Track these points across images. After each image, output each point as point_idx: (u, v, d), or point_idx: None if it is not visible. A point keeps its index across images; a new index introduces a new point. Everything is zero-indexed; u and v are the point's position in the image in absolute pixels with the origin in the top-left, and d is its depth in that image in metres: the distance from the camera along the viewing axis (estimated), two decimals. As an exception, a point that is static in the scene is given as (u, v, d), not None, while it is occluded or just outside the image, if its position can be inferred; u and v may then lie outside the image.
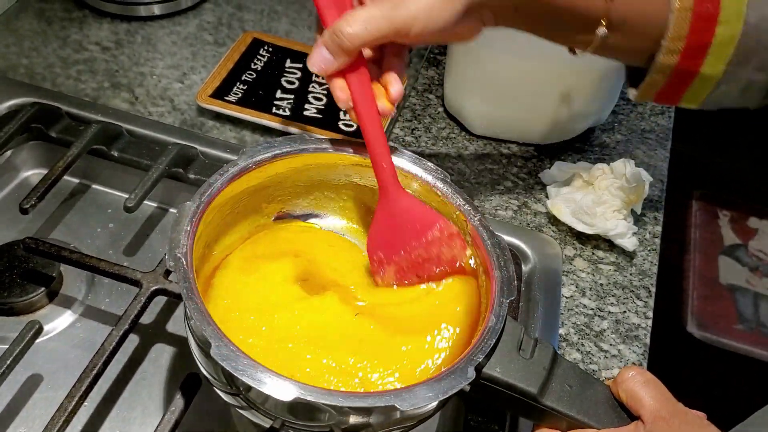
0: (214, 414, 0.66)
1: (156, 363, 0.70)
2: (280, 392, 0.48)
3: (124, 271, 0.66)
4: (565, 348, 0.73)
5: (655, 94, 0.64)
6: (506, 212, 0.85)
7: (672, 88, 0.63)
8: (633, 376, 0.52)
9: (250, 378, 0.48)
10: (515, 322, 0.55)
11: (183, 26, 1.04)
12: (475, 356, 0.52)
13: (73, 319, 0.73)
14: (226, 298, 0.60)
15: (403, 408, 0.48)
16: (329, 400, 0.48)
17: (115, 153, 0.82)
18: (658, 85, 0.63)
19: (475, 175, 0.88)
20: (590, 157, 0.92)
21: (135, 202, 0.75)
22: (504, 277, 0.57)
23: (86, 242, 0.80)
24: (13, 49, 0.96)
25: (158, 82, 0.95)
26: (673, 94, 0.64)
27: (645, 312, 0.77)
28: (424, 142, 0.92)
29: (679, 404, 0.51)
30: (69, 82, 0.93)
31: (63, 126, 0.84)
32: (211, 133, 0.89)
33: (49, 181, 0.75)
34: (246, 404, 0.55)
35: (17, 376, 0.66)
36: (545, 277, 0.77)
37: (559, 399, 0.53)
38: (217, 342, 0.49)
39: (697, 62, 0.60)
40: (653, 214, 0.87)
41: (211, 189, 0.59)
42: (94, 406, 0.66)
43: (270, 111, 0.90)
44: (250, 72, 0.95)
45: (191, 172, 0.81)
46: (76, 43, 0.99)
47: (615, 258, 0.81)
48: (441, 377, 0.51)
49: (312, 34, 1.05)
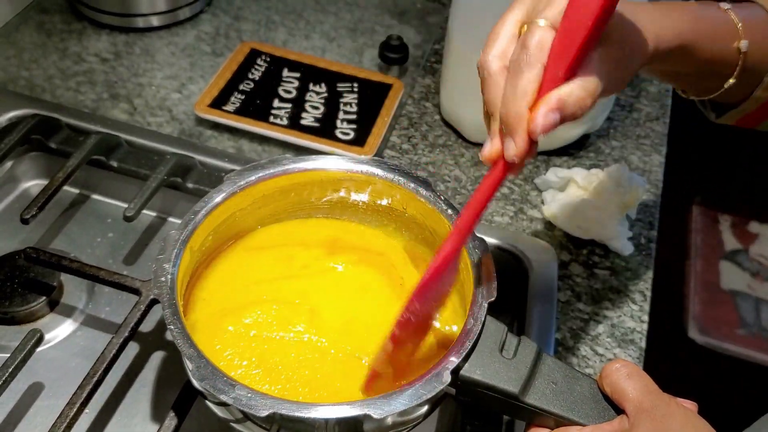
0: (213, 420, 0.66)
1: (156, 370, 0.71)
2: (257, 408, 0.50)
3: (124, 279, 0.67)
4: (560, 352, 0.73)
5: (737, 119, 0.66)
6: (502, 218, 0.85)
7: (757, 115, 0.65)
8: (617, 369, 0.52)
9: (227, 396, 0.50)
10: (498, 323, 0.56)
11: (181, 37, 1.05)
12: (451, 360, 0.53)
13: (73, 327, 0.74)
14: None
15: (376, 416, 0.49)
16: (303, 412, 0.50)
17: (114, 163, 0.83)
18: (745, 113, 0.65)
19: (471, 181, 0.89)
20: (585, 162, 0.93)
21: (134, 211, 0.76)
22: (484, 280, 0.58)
23: (86, 252, 0.81)
24: (13, 62, 0.97)
25: (157, 92, 0.96)
26: (755, 120, 0.66)
27: (640, 316, 0.77)
28: (420, 149, 0.93)
29: (663, 395, 0.51)
30: (68, 94, 0.94)
31: (63, 137, 0.85)
32: (209, 142, 0.89)
33: (50, 192, 0.76)
34: (236, 417, 0.56)
35: (19, 385, 0.67)
36: (541, 282, 0.77)
37: (542, 397, 0.53)
38: (196, 363, 0.52)
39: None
40: (648, 219, 0.87)
41: (197, 217, 0.62)
42: (94, 414, 0.67)
43: (267, 120, 0.91)
44: (247, 82, 0.96)
45: (190, 182, 0.82)
46: (76, 55, 1.00)
47: (610, 263, 0.82)
48: (416, 383, 0.51)
49: (308, 44, 1.06)
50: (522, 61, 0.48)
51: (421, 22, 1.13)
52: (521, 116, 0.48)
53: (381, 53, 1.01)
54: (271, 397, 0.51)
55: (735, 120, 0.66)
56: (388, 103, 0.95)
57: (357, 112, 0.93)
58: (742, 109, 0.64)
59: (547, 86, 0.47)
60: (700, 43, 0.58)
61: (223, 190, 0.64)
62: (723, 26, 0.59)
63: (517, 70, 0.48)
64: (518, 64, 0.48)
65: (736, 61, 0.60)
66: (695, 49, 0.58)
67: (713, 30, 0.59)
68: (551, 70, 0.47)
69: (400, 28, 1.11)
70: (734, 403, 1.31)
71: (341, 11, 1.14)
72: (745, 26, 0.59)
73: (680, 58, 0.58)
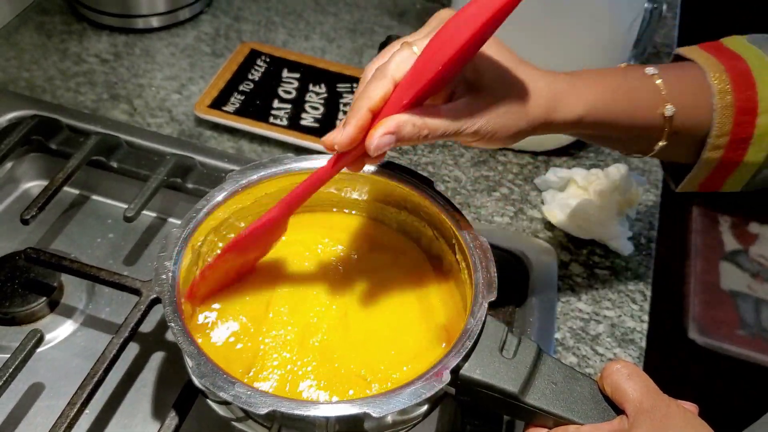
0: (214, 420, 0.66)
1: (156, 370, 0.71)
2: (256, 405, 0.50)
3: (124, 280, 0.67)
4: (561, 352, 0.73)
5: (698, 184, 0.66)
6: (502, 218, 0.85)
7: (715, 177, 0.65)
8: (617, 370, 0.52)
9: (227, 393, 0.51)
10: (498, 323, 0.56)
11: (181, 38, 1.05)
12: (451, 360, 0.53)
13: (74, 328, 0.74)
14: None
15: (375, 414, 0.49)
16: (302, 410, 0.50)
17: (114, 164, 0.83)
18: (702, 177, 0.65)
19: (471, 182, 0.89)
20: (585, 163, 0.93)
21: (134, 212, 0.76)
22: (484, 279, 0.58)
23: (86, 252, 0.81)
24: (14, 63, 0.97)
25: (157, 93, 0.96)
26: (715, 183, 0.65)
27: (640, 316, 0.77)
28: (420, 149, 0.93)
29: (662, 396, 0.51)
30: (69, 95, 0.94)
31: (63, 138, 0.85)
32: (209, 143, 0.90)
33: (50, 193, 0.76)
34: (237, 415, 0.56)
35: (19, 385, 0.67)
36: (541, 282, 0.77)
37: (542, 397, 0.53)
38: (196, 360, 0.52)
39: (741, 153, 0.62)
40: (648, 219, 0.87)
41: (198, 215, 0.62)
42: (95, 414, 0.67)
43: (267, 120, 0.91)
44: (247, 82, 0.96)
45: (189, 182, 0.82)
46: (76, 56, 1.00)
47: (610, 263, 0.82)
48: (415, 382, 0.52)
49: (308, 44, 1.06)
50: (379, 71, 0.53)
51: (421, 22, 1.11)
52: (358, 111, 0.52)
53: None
54: (270, 395, 0.51)
55: (696, 186, 0.66)
56: (387, 104, 0.95)
57: (357, 112, 0.93)
58: (696, 175, 0.64)
59: (393, 105, 0.52)
60: (618, 112, 0.59)
61: (225, 188, 0.64)
62: (645, 93, 0.60)
63: (372, 79, 0.53)
64: (375, 74, 0.53)
65: (663, 125, 0.60)
66: (615, 117, 0.59)
67: (633, 98, 0.59)
68: (399, 92, 0.52)
69: (400, 28, 1.12)
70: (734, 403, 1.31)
71: (341, 12, 1.14)
72: (670, 91, 0.60)
73: (598, 126, 0.59)
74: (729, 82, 0.60)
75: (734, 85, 0.60)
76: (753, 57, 0.62)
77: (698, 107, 0.61)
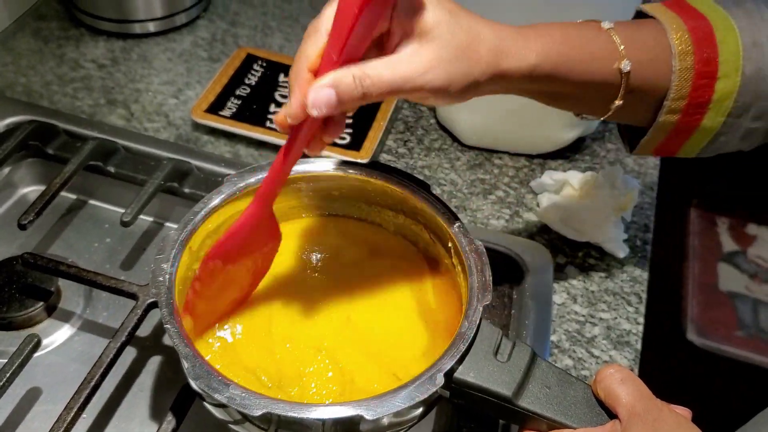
0: (211, 423, 0.67)
1: (153, 374, 0.71)
2: (251, 407, 0.50)
3: (121, 284, 0.67)
4: (556, 354, 0.74)
5: (653, 149, 0.65)
6: (498, 221, 0.86)
7: (671, 143, 0.63)
8: (611, 374, 0.52)
9: (221, 395, 0.51)
10: (492, 326, 0.56)
11: (178, 43, 1.06)
12: (445, 363, 0.53)
13: (71, 332, 0.74)
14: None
15: (369, 417, 0.50)
16: (297, 412, 0.50)
17: (111, 169, 0.83)
18: (657, 142, 0.63)
19: (467, 185, 0.89)
20: (581, 165, 0.93)
21: (131, 216, 0.76)
22: (479, 283, 0.58)
23: (84, 257, 0.81)
24: (11, 68, 0.98)
25: (153, 98, 0.96)
26: (671, 148, 0.64)
27: (636, 318, 0.78)
28: (416, 153, 0.93)
29: (655, 400, 0.51)
30: (66, 100, 0.94)
31: (60, 143, 0.85)
32: (206, 147, 0.90)
33: (47, 198, 0.76)
34: (234, 418, 0.56)
35: (16, 390, 0.67)
36: (536, 285, 0.77)
37: (535, 400, 0.53)
38: (192, 362, 0.52)
39: (698, 118, 0.60)
40: (644, 222, 0.88)
41: (196, 218, 0.62)
42: (92, 418, 0.67)
43: (264, 125, 0.91)
44: (244, 87, 0.96)
45: (186, 187, 0.83)
46: (73, 61, 1.00)
47: (606, 265, 0.82)
48: (409, 385, 0.52)
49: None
50: (311, 27, 0.52)
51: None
52: (298, 75, 0.50)
53: (377, 58, 1.02)
54: (265, 396, 0.51)
55: (651, 150, 0.64)
56: (384, 108, 0.95)
57: (353, 116, 0.93)
58: (652, 138, 0.63)
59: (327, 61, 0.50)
60: (572, 64, 0.57)
61: (223, 191, 0.64)
62: (601, 45, 0.58)
63: (305, 37, 0.51)
64: (308, 31, 0.52)
65: (619, 81, 0.58)
66: (570, 70, 0.57)
67: (589, 50, 0.57)
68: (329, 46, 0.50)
69: (396, 32, 1.12)
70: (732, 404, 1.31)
71: (337, 16, 1.14)
72: (628, 46, 0.58)
73: (553, 79, 0.57)
74: (691, 43, 0.58)
75: (696, 47, 0.58)
76: (718, 18, 0.60)
77: (657, 66, 0.59)
